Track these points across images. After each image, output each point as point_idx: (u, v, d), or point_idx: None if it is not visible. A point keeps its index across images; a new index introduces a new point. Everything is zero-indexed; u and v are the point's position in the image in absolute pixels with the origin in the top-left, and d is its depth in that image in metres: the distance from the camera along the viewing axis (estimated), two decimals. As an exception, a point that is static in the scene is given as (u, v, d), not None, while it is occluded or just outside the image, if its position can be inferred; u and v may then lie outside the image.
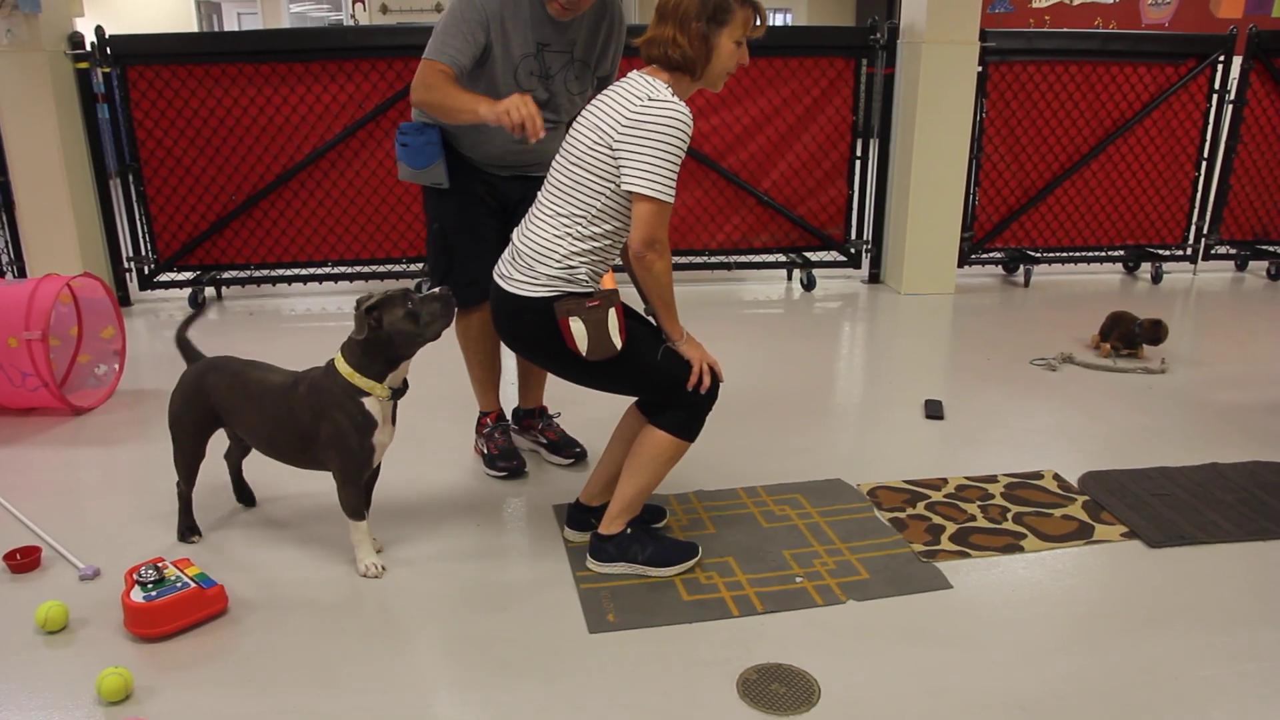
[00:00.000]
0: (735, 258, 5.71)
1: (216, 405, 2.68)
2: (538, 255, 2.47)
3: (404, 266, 5.55)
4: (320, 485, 3.11)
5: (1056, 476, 3.25)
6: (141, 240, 5.39)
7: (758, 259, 5.73)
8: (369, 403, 2.50)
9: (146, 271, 5.44)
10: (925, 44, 5.23)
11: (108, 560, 2.69)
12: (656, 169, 2.35)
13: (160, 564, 2.42)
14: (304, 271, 5.51)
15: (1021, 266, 5.88)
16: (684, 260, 5.66)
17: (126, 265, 5.45)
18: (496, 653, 2.33)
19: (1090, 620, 2.48)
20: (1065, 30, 7.91)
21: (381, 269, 5.56)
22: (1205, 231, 6.08)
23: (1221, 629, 2.46)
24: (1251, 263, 6.30)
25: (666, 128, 2.33)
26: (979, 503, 3.06)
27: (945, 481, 3.20)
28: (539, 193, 2.59)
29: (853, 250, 5.84)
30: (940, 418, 3.74)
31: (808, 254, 5.79)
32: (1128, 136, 5.81)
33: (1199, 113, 5.84)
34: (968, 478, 3.23)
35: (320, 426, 2.52)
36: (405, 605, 2.52)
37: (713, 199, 5.60)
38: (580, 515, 2.86)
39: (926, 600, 2.56)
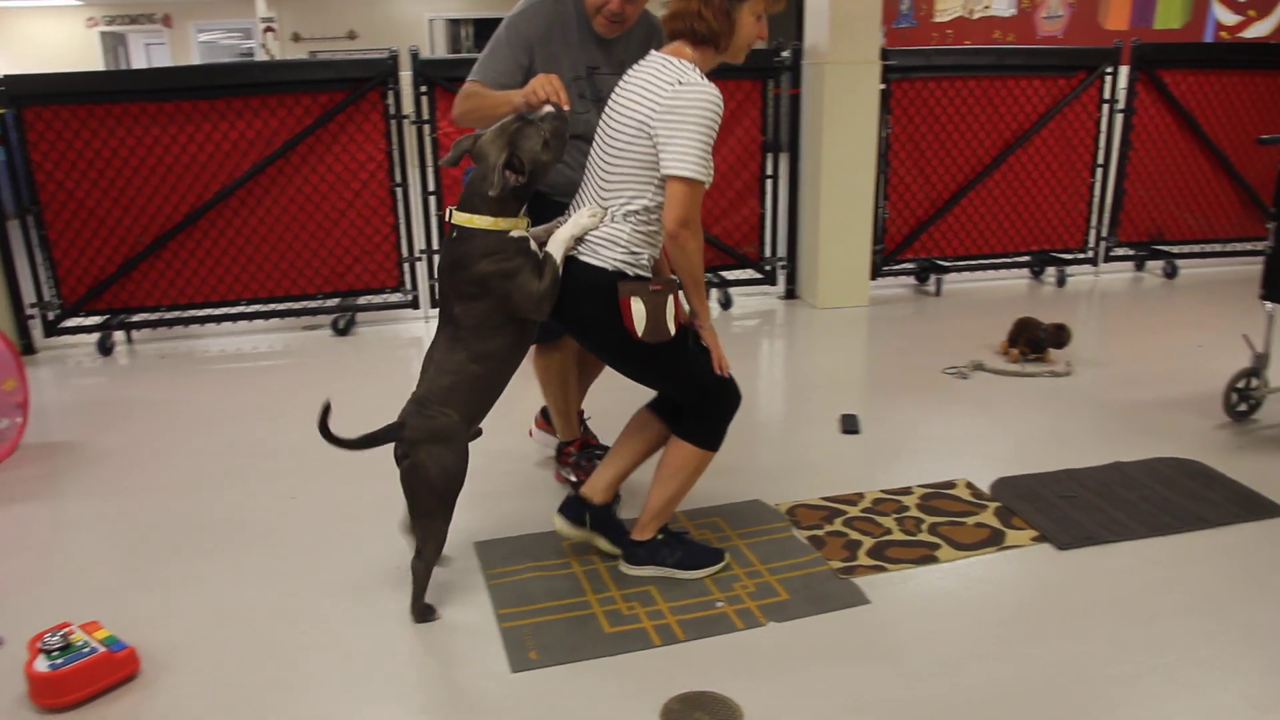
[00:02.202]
0: (653, 280, 5.73)
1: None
2: (603, 242, 2.55)
3: (319, 302, 5.49)
4: (236, 541, 3.06)
5: (969, 485, 3.34)
6: (44, 285, 5.25)
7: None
8: (523, 239, 2.52)
9: (51, 317, 5.30)
10: (828, 64, 5.34)
11: (12, 627, 2.61)
12: (691, 150, 2.43)
13: (66, 629, 2.36)
14: (218, 311, 5.42)
15: (932, 276, 6.02)
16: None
17: (29, 312, 5.30)
18: (418, 699, 2.32)
19: (1005, 626, 2.55)
20: (962, 47, 8.16)
21: (297, 305, 5.49)
22: (1104, 235, 6.29)
23: (1129, 625, 2.54)
24: (1148, 263, 6.53)
25: (700, 110, 2.42)
26: (895, 516, 3.13)
27: (862, 496, 3.26)
28: (581, 186, 2.68)
29: (768, 268, 5.93)
30: (856, 432, 3.81)
31: (724, 273, 5.86)
32: (1027, 146, 5.99)
33: (1091, 122, 6.05)
34: (884, 491, 3.30)
35: (505, 286, 2.48)
36: (322, 654, 2.49)
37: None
38: (577, 507, 2.86)
39: (845, 617, 2.60)
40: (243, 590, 2.79)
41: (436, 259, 5.52)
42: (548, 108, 2.54)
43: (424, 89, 5.31)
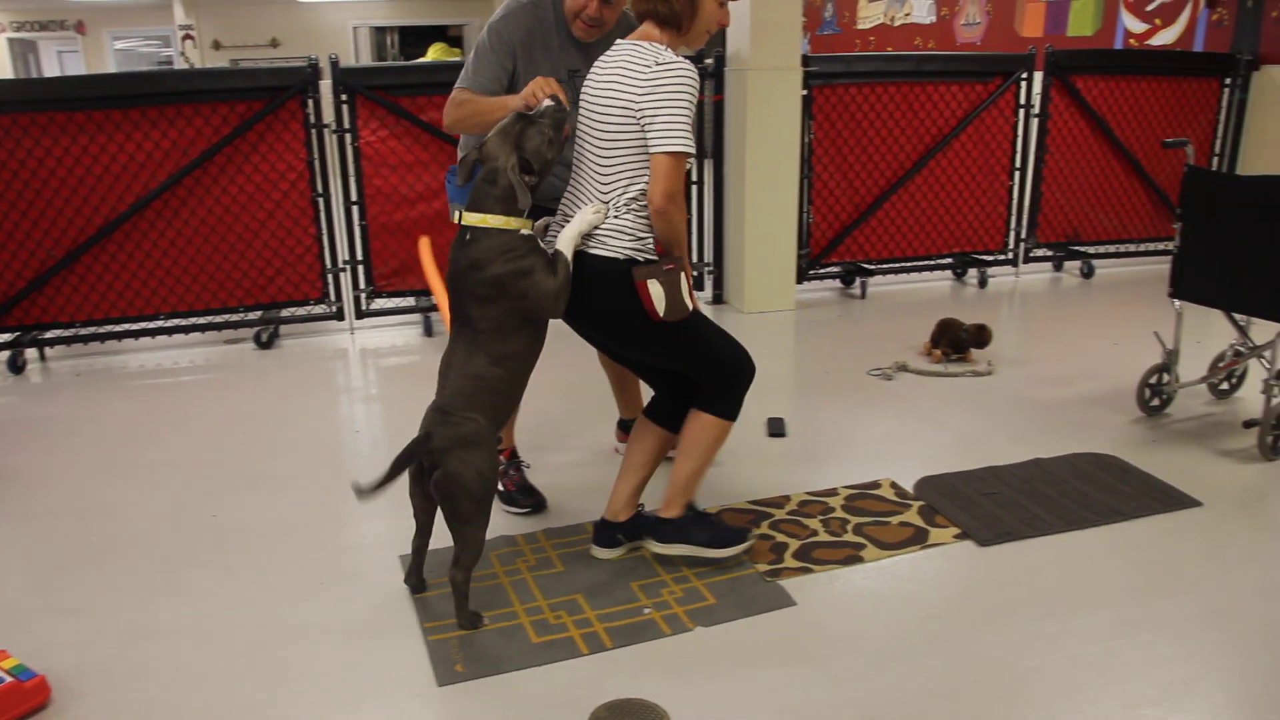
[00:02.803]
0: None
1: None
2: (610, 233, 2.61)
3: (241, 315, 5.39)
4: (150, 561, 2.99)
5: (893, 484, 3.38)
6: (-49, 303, 5.08)
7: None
8: (533, 236, 2.59)
9: (-42, 336, 5.13)
10: (750, 71, 5.39)
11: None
12: (675, 125, 2.51)
13: (-29, 657, 2.28)
14: (136, 326, 5.28)
15: (857, 279, 6.10)
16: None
17: (-65, 331, 5.12)
18: (341, 719, 2.28)
19: (928, 623, 2.58)
20: (882, 53, 8.28)
21: (218, 319, 5.38)
22: (1023, 236, 6.43)
23: (1048, 619, 2.59)
24: (1066, 263, 6.69)
25: (679, 86, 2.51)
26: (820, 517, 3.15)
27: (788, 499, 3.28)
28: (572, 184, 2.73)
29: (696, 273, 5.95)
30: (783, 435, 3.84)
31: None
32: (947, 151, 6.10)
33: (1009, 126, 6.19)
34: (810, 493, 3.33)
35: (520, 285, 2.53)
36: (240, 675, 2.43)
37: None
38: (608, 532, 2.91)
39: (772, 620, 2.61)
40: (158, 612, 2.72)
41: (361, 270, 5.46)
42: (547, 101, 2.61)
43: (345, 97, 5.25)
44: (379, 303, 5.58)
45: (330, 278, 5.48)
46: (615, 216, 2.62)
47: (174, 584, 2.86)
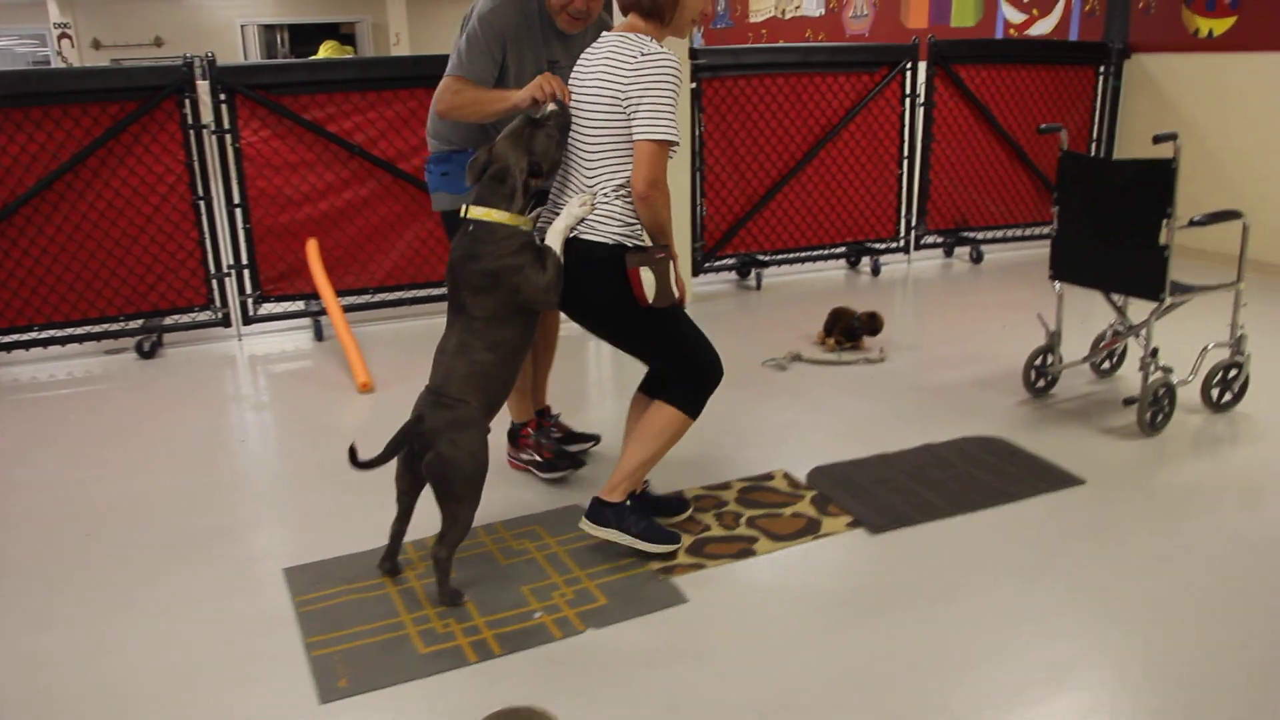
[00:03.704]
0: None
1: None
2: (599, 219, 2.69)
3: (122, 324, 5.18)
4: (25, 583, 2.84)
5: (786, 475, 3.39)
6: None
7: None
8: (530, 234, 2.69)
9: None
10: (639, 63, 5.35)
11: None
12: (659, 114, 2.60)
13: None
14: (7, 339, 5.03)
15: (753, 271, 6.13)
16: (424, 293, 5.56)
17: None
18: (217, 740, 2.19)
19: (820, 614, 2.59)
20: (768, 45, 8.35)
21: (97, 329, 5.16)
22: (914, 224, 6.54)
23: (939, 603, 2.62)
24: (956, 249, 6.82)
25: (663, 75, 2.60)
26: (714, 511, 3.15)
27: (681, 494, 3.27)
28: (561, 174, 2.81)
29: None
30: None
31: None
32: (836, 141, 6.16)
33: (895, 115, 6.28)
34: (703, 487, 3.32)
35: (514, 279, 2.62)
36: (118, 695, 2.32)
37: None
38: (600, 510, 2.89)
39: (664, 618, 2.60)
40: (18, 640, 2.58)
41: (247, 275, 5.29)
42: (551, 105, 2.72)
43: (223, 97, 5.08)
44: (267, 307, 5.41)
45: (215, 283, 5.31)
46: (604, 203, 2.69)
47: (42, 610, 2.72)
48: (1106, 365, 4.31)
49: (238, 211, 5.22)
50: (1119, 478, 3.35)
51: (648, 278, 2.64)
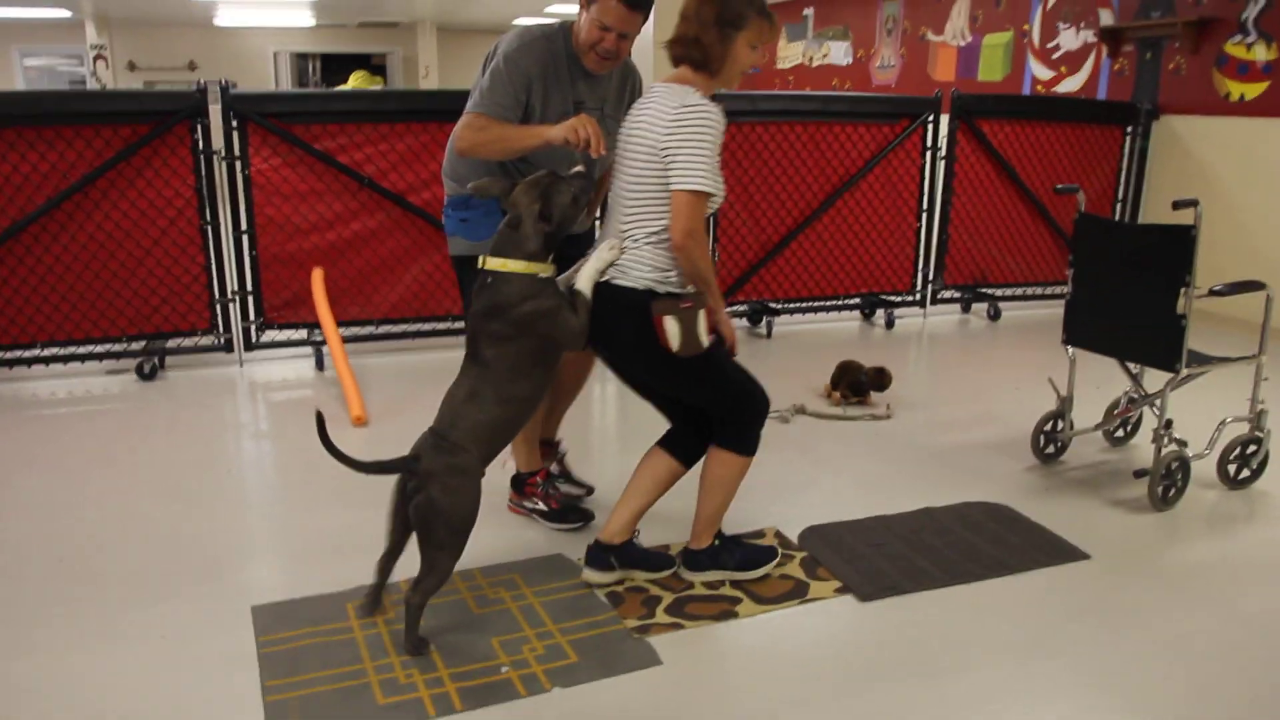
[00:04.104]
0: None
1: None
2: (631, 264, 2.69)
3: (124, 345, 5.14)
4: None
5: (778, 533, 3.27)
6: None
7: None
8: (552, 279, 2.68)
9: None
10: (656, 105, 5.31)
11: None
12: (696, 164, 2.59)
13: None
14: (9, 355, 5.00)
15: (764, 318, 6.03)
16: (428, 327, 5.50)
17: None
18: (153, 791, 2.08)
19: (800, 685, 2.47)
20: (788, 93, 8.30)
21: (99, 349, 5.12)
22: (930, 278, 6.43)
23: (924, 680, 2.50)
24: (974, 305, 6.69)
25: (701, 127, 2.60)
26: (699, 568, 3.03)
27: (668, 548, 3.15)
28: (606, 221, 2.85)
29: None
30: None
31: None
32: (854, 191, 6.08)
33: (915, 168, 6.20)
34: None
35: (544, 324, 2.62)
36: (55, 743, 2.23)
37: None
38: (601, 555, 2.91)
39: (635, 680, 2.48)
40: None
41: (251, 301, 5.25)
42: (579, 167, 2.74)
43: (235, 124, 5.06)
44: (270, 334, 5.37)
45: (219, 308, 5.27)
46: (635, 249, 2.69)
47: (5, 638, 2.65)
48: (1120, 434, 4.17)
49: (245, 238, 5.19)
50: (1126, 554, 3.20)
51: (671, 326, 2.62)
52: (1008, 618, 2.80)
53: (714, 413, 2.83)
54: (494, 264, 2.64)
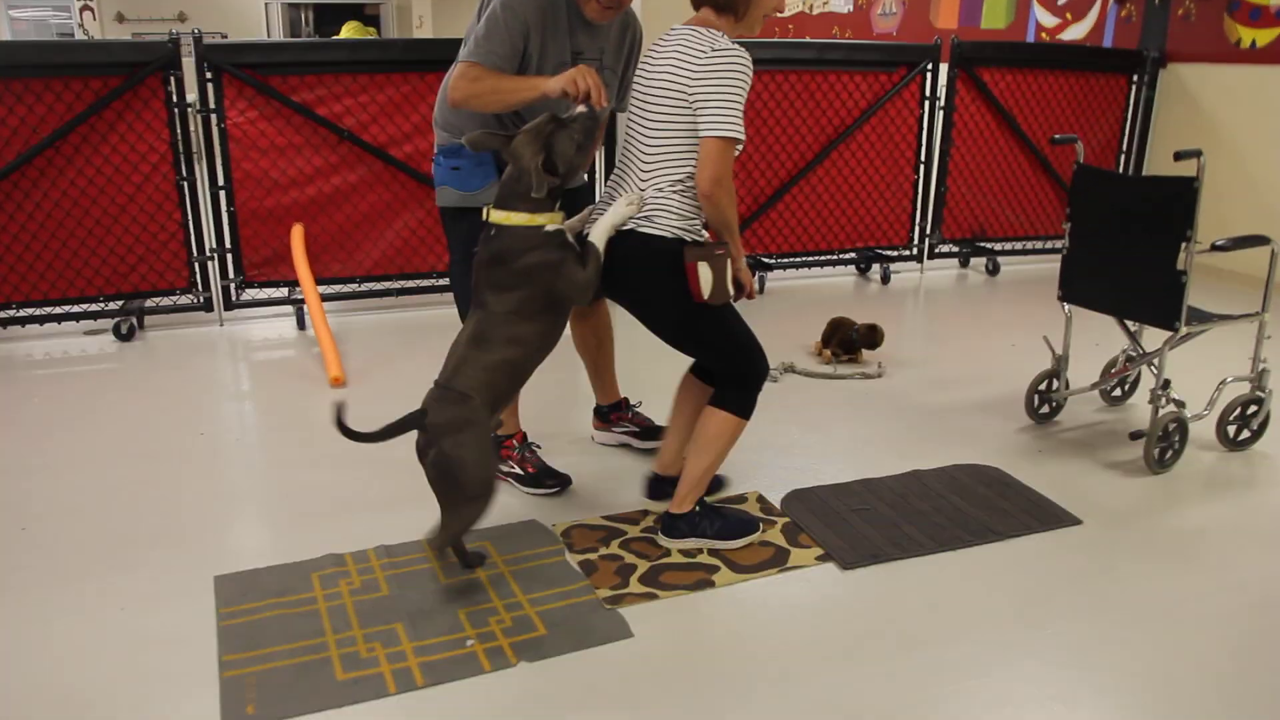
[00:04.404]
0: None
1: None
2: (658, 212, 2.63)
3: (101, 305, 5.03)
4: None
5: (760, 498, 3.17)
6: None
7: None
8: (559, 232, 2.59)
9: None
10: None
11: None
12: (727, 110, 2.52)
13: None
14: (-19, 315, 4.90)
15: (756, 274, 5.88)
16: (411, 284, 5.37)
17: None
18: (96, 774, 2.01)
19: (775, 660, 2.38)
20: (782, 40, 8.09)
21: (76, 309, 5.01)
22: (928, 232, 6.27)
23: (907, 652, 2.41)
24: (972, 259, 6.54)
25: (733, 72, 2.52)
26: (677, 535, 2.94)
27: (645, 514, 3.06)
28: (618, 170, 2.77)
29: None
30: (656, 440, 3.61)
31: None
32: (849, 143, 5.91)
33: (913, 119, 6.02)
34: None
35: (549, 276, 2.54)
36: (15, 702, 2.15)
37: (436, 220, 5.26)
38: (658, 485, 3.02)
39: (604, 654, 2.39)
40: (-80, 646, 2.41)
41: (230, 259, 5.13)
42: (581, 107, 2.60)
43: (210, 75, 4.91)
44: (250, 293, 5.25)
45: (197, 266, 5.14)
46: (661, 197, 2.63)
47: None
48: (1118, 393, 4.06)
49: (222, 194, 5.06)
50: (1119, 519, 3.10)
51: (705, 273, 2.58)
52: (994, 586, 2.71)
53: (718, 370, 2.81)
54: (498, 216, 2.57)
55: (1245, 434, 3.61)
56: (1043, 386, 3.81)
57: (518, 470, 3.25)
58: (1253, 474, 3.45)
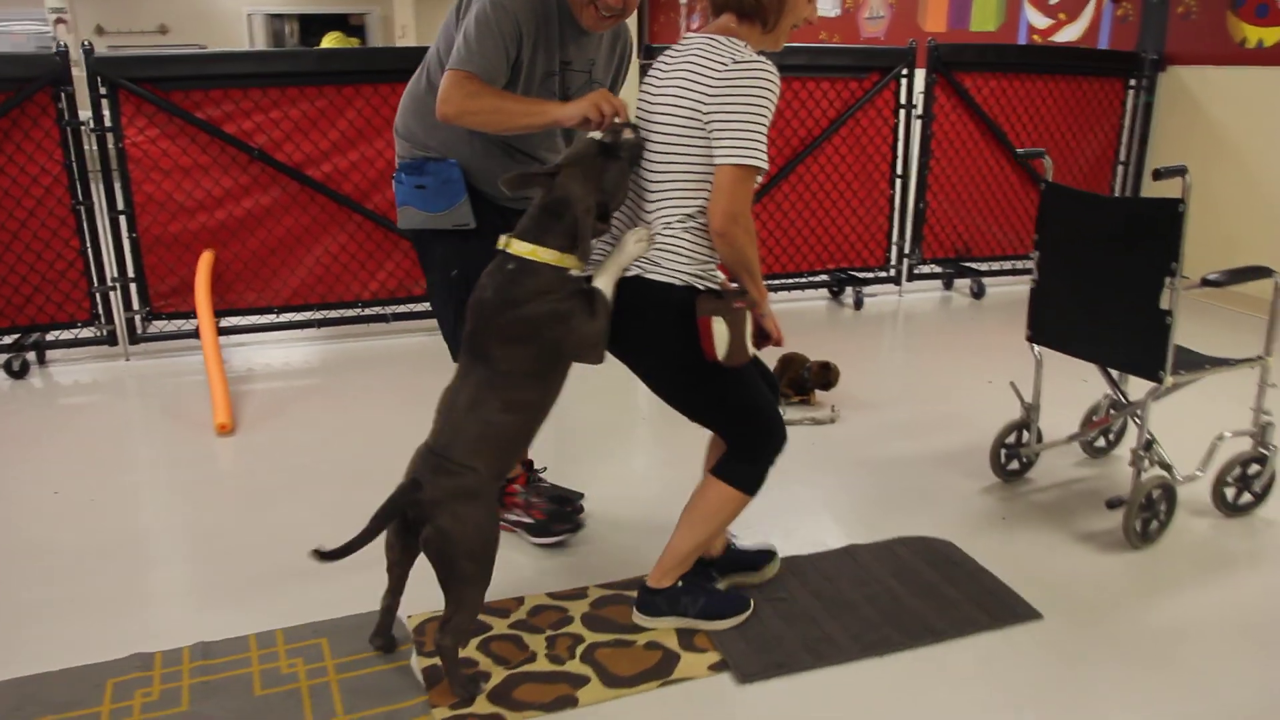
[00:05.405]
0: (392, 308, 4.96)
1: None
2: (664, 253, 2.26)
3: (77, 332, 4.59)
4: None
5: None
6: None
7: (418, 308, 5.00)
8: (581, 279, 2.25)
9: None
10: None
11: None
12: (748, 134, 2.15)
13: None
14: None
15: (718, 301, 5.41)
16: (334, 315, 4.92)
17: None
18: None
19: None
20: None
21: (28, 340, 4.59)
22: (907, 251, 5.77)
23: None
24: (956, 281, 6.03)
25: (757, 88, 2.15)
26: (549, 631, 2.47)
27: (522, 602, 2.59)
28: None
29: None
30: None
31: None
32: (818, 155, 5.43)
33: (888, 129, 5.53)
34: (550, 594, 2.63)
35: (557, 330, 2.19)
36: None
37: (359, 244, 4.87)
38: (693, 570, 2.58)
39: (416, 809, 1.92)
40: None
41: (134, 289, 4.70)
42: (627, 133, 2.24)
43: (104, 91, 4.49)
44: (158, 325, 4.82)
45: (98, 297, 4.72)
46: (669, 236, 2.26)
47: None
48: (1102, 443, 3.55)
49: (122, 219, 4.64)
50: (1088, 611, 2.60)
51: (720, 329, 2.21)
52: (926, 703, 2.22)
53: (727, 436, 2.42)
54: (522, 249, 2.19)
55: (1246, 497, 3.10)
56: (1010, 440, 3.31)
57: (526, 519, 2.92)
58: (1254, 547, 2.94)
